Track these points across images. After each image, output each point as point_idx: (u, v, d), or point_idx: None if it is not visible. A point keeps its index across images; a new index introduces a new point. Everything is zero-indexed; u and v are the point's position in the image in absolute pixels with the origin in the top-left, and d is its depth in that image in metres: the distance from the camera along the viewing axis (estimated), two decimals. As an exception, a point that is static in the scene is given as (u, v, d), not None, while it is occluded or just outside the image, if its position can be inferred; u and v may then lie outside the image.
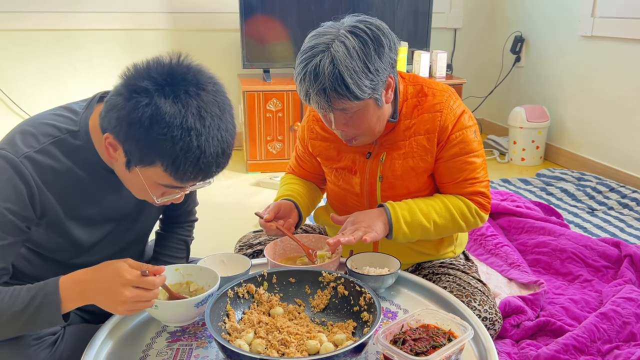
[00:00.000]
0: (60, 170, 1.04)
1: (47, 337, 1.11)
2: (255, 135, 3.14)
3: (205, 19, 3.43)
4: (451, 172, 1.34)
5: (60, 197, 1.06)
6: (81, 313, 1.27)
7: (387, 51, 1.20)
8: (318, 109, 1.22)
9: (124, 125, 0.94)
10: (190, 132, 0.93)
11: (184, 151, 0.93)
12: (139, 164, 0.98)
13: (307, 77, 1.16)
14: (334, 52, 1.14)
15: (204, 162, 0.95)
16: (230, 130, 0.99)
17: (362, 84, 1.16)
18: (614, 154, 3.01)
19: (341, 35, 1.17)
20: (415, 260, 1.48)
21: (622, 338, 1.48)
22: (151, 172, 0.98)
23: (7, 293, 0.98)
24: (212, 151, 0.95)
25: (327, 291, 1.16)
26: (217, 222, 2.44)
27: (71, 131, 1.06)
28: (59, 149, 1.04)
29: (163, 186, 1.01)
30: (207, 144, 0.94)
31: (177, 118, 0.92)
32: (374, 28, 1.19)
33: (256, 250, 1.54)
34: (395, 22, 3.43)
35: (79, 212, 1.10)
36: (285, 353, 0.98)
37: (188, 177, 0.97)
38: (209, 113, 0.95)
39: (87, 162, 1.07)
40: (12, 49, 3.21)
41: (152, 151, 0.94)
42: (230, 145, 1.00)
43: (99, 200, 1.12)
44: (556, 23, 3.34)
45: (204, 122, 0.94)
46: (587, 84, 3.14)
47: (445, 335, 1.03)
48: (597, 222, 2.43)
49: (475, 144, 1.33)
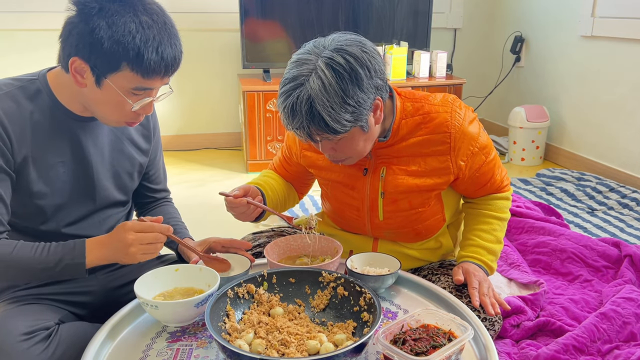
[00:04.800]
0: (23, 114, 1.12)
1: (40, 332, 1.11)
2: (255, 135, 3.14)
3: (205, 19, 3.43)
4: (478, 181, 1.36)
5: (24, 140, 1.12)
6: (75, 309, 1.27)
7: (367, 80, 1.14)
8: (302, 140, 1.21)
9: (85, 37, 1.04)
10: (143, 24, 1.05)
11: (143, 42, 1.04)
12: (108, 72, 1.06)
13: (286, 113, 1.15)
14: (310, 90, 1.10)
15: (162, 50, 1.06)
16: (175, 27, 1.11)
17: (342, 119, 1.12)
18: (614, 154, 3.01)
19: (318, 68, 1.11)
20: (414, 266, 1.48)
21: (622, 338, 1.48)
22: (120, 78, 1.07)
23: (38, 249, 1.11)
24: (166, 42, 1.07)
25: (327, 291, 1.16)
26: (216, 222, 2.43)
27: (30, 80, 1.16)
28: (22, 95, 1.13)
29: (133, 91, 1.10)
30: (160, 34, 1.06)
31: (128, 15, 1.04)
32: (351, 60, 1.12)
33: (255, 252, 1.54)
34: (395, 22, 3.43)
35: (41, 159, 1.15)
36: (285, 353, 0.98)
37: (154, 70, 1.07)
38: (154, 12, 1.08)
39: (47, 106, 1.15)
40: (12, 48, 3.21)
41: (117, 51, 1.04)
42: (179, 39, 1.11)
43: (61, 149, 1.18)
44: (556, 23, 3.35)
45: (151, 17, 1.06)
46: (587, 84, 3.14)
47: (445, 335, 1.03)
48: (597, 222, 2.43)
49: (484, 139, 1.32)
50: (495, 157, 1.36)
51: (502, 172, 1.40)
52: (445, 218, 1.43)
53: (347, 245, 1.44)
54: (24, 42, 3.22)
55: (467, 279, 1.33)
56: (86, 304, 1.29)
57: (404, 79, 3.32)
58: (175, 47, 1.10)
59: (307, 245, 1.37)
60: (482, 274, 1.35)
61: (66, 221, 1.23)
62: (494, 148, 1.37)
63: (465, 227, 1.46)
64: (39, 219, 1.20)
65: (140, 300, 1.10)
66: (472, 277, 1.32)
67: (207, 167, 3.30)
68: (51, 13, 3.19)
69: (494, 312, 1.27)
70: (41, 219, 1.20)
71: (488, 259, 1.39)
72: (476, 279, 1.32)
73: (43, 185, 1.16)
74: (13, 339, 1.06)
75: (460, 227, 1.54)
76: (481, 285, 1.31)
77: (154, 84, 1.11)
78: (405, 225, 1.39)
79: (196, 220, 1.45)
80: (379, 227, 1.40)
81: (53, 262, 1.10)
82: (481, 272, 1.35)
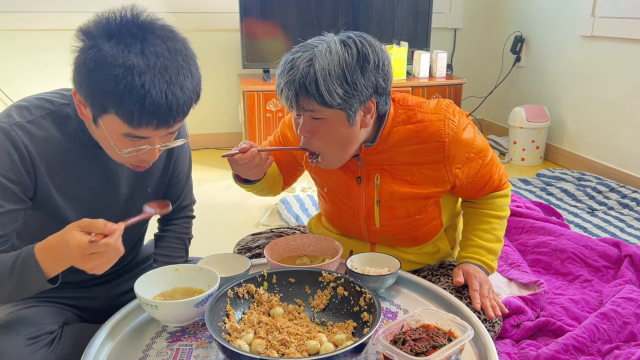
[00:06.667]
0: (51, 141, 1.07)
1: (44, 336, 1.11)
2: (255, 135, 3.14)
3: (205, 19, 3.43)
4: (477, 184, 1.36)
5: (50, 168, 1.08)
6: (79, 312, 1.27)
7: (372, 70, 1.15)
8: (286, 104, 1.18)
9: (76, 73, 0.97)
10: (132, 70, 0.92)
11: (127, 90, 0.92)
12: (97, 114, 0.99)
13: (282, 68, 1.16)
14: (317, 52, 1.13)
15: (150, 102, 0.93)
16: (184, 74, 0.98)
17: (334, 90, 1.12)
18: (614, 154, 3.01)
19: (331, 41, 1.15)
20: (412, 268, 1.48)
21: (622, 338, 1.48)
22: (109, 122, 0.98)
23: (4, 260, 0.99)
24: (159, 91, 0.94)
25: (327, 291, 1.16)
26: (216, 222, 2.44)
27: (63, 104, 1.09)
28: (51, 121, 1.07)
29: (125, 136, 1.00)
30: (151, 83, 0.93)
31: (118, 58, 0.92)
32: (365, 43, 1.15)
33: (255, 253, 1.54)
34: (395, 22, 3.43)
35: (68, 187, 1.11)
36: (285, 353, 0.98)
37: (140, 121, 0.95)
38: (154, 53, 0.94)
39: (76, 134, 1.09)
40: (12, 48, 3.21)
41: (100, 95, 0.95)
42: (185, 88, 0.98)
43: (88, 176, 1.13)
44: (556, 23, 3.34)
45: (147, 61, 0.93)
46: (587, 84, 3.14)
47: (445, 336, 1.03)
48: (597, 222, 2.43)
49: (479, 142, 1.31)
50: (492, 157, 1.36)
51: (500, 170, 1.40)
52: (443, 222, 1.42)
53: (345, 248, 1.44)
54: (24, 42, 3.22)
55: (468, 281, 1.33)
56: (90, 307, 1.29)
57: (404, 79, 3.32)
58: (173, 97, 0.96)
59: (307, 245, 1.37)
60: (483, 275, 1.35)
61: None
62: (491, 149, 1.37)
63: (465, 227, 1.46)
64: None
65: (140, 300, 1.10)
66: (472, 279, 1.32)
67: (207, 167, 3.30)
68: (51, 13, 3.19)
69: (494, 314, 1.27)
70: None
71: (488, 259, 1.38)
72: (477, 280, 1.32)
73: (71, 211, 1.13)
74: (17, 344, 1.06)
75: (458, 228, 1.54)
76: (482, 287, 1.31)
77: (147, 133, 0.99)
78: (402, 232, 1.39)
79: (196, 220, 1.45)
80: (375, 233, 1.40)
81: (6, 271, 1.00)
82: (482, 273, 1.35)
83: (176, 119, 0.99)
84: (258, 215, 2.53)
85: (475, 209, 1.43)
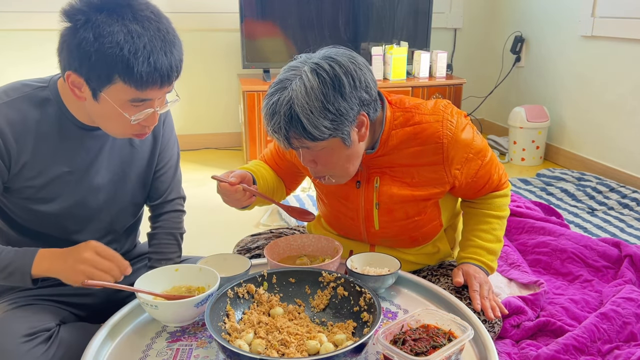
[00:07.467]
0: (28, 123, 1.09)
1: (41, 334, 1.11)
2: (255, 135, 3.14)
3: (205, 19, 3.43)
4: (476, 185, 1.35)
5: (27, 149, 1.09)
6: (76, 310, 1.27)
7: (351, 90, 1.12)
8: (281, 146, 1.18)
9: (74, 50, 1.00)
10: (132, 34, 0.99)
11: (132, 53, 0.99)
12: (101, 86, 1.02)
13: (265, 114, 1.14)
14: (292, 92, 1.10)
15: (155, 60, 1.01)
16: (172, 33, 1.05)
17: (320, 125, 1.10)
18: (614, 154, 3.01)
19: (303, 73, 1.11)
20: (412, 269, 1.48)
21: (622, 338, 1.48)
22: (115, 91, 1.03)
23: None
24: (160, 50, 1.01)
25: (327, 291, 1.16)
26: (216, 223, 2.44)
27: (40, 87, 1.12)
28: (28, 102, 1.10)
29: (131, 102, 1.05)
30: (151, 44, 1.01)
31: (115, 25, 0.99)
32: (336, 67, 1.11)
33: (254, 254, 1.54)
34: (395, 22, 3.43)
35: (47, 169, 1.13)
36: (285, 353, 0.98)
37: (147, 81, 1.02)
38: (145, 17, 1.02)
39: (55, 115, 1.12)
40: (12, 48, 3.21)
41: (106, 63, 0.99)
42: (176, 46, 1.06)
43: (68, 158, 1.15)
44: (556, 23, 3.35)
45: (142, 24, 1.01)
46: (587, 84, 3.14)
47: (445, 336, 1.03)
48: (597, 222, 2.43)
49: (478, 143, 1.30)
50: (491, 157, 1.35)
51: (499, 170, 1.40)
52: (443, 223, 1.42)
53: (344, 248, 1.44)
54: (23, 42, 3.22)
55: (468, 282, 1.33)
56: (88, 306, 1.29)
57: (404, 79, 3.32)
58: (171, 54, 1.04)
59: (307, 245, 1.37)
60: (483, 276, 1.35)
61: (73, 228, 1.23)
62: (490, 149, 1.36)
63: (465, 227, 1.46)
64: (46, 225, 1.19)
65: (140, 300, 1.10)
66: (472, 280, 1.32)
67: (207, 167, 3.30)
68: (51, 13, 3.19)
69: (493, 315, 1.27)
70: (48, 225, 1.19)
71: (488, 259, 1.38)
72: (477, 281, 1.32)
73: (48, 192, 1.15)
74: (14, 341, 1.06)
75: (457, 229, 1.54)
76: (482, 287, 1.31)
77: (151, 94, 1.06)
78: (401, 233, 1.38)
79: (196, 220, 1.45)
80: (375, 235, 1.40)
81: (2, 265, 1.07)
82: (482, 274, 1.35)
83: (174, 77, 1.07)
84: (258, 216, 2.53)
85: (474, 209, 1.43)
